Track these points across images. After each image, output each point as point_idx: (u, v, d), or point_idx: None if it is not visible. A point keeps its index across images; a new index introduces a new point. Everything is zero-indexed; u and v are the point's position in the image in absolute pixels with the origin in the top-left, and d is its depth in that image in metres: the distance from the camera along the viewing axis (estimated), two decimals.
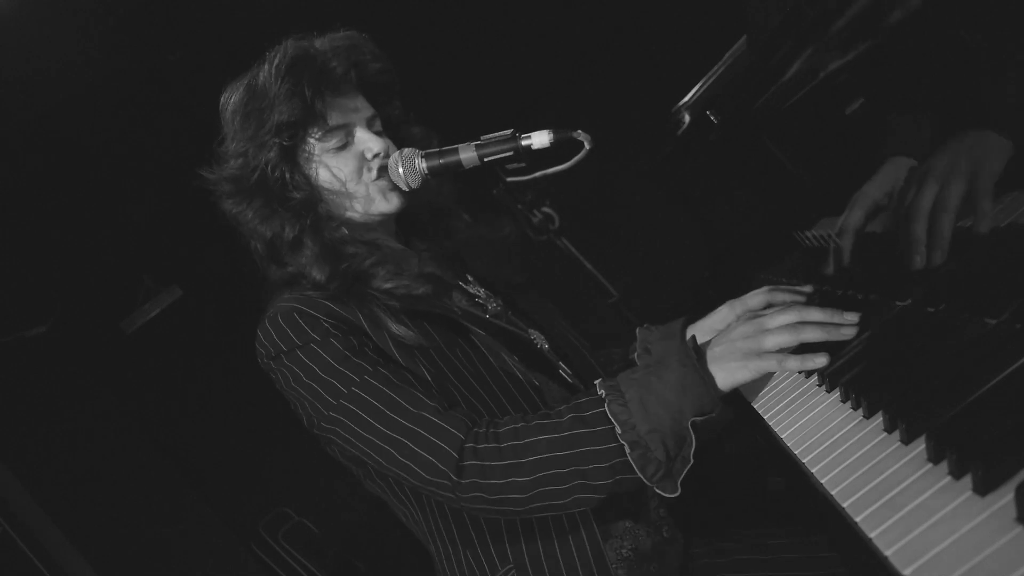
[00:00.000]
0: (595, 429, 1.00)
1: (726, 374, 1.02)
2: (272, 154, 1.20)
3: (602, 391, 1.04)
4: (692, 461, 0.99)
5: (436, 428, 1.05)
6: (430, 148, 1.27)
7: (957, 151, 0.94)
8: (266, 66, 1.21)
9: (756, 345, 1.02)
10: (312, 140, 1.24)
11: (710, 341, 1.08)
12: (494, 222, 1.47)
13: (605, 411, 1.01)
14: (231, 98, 1.24)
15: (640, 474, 0.98)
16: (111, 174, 3.43)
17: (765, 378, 1.18)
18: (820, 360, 1.00)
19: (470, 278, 1.42)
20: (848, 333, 1.03)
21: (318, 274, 1.19)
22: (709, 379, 1.00)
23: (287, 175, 1.21)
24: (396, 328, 1.17)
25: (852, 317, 1.04)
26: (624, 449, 0.98)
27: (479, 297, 1.37)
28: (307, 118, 1.21)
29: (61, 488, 3.17)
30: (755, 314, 1.13)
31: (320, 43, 1.25)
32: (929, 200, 0.96)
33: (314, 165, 1.25)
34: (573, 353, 1.44)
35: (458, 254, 1.46)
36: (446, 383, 1.16)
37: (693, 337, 1.08)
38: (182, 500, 3.78)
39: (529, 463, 1.01)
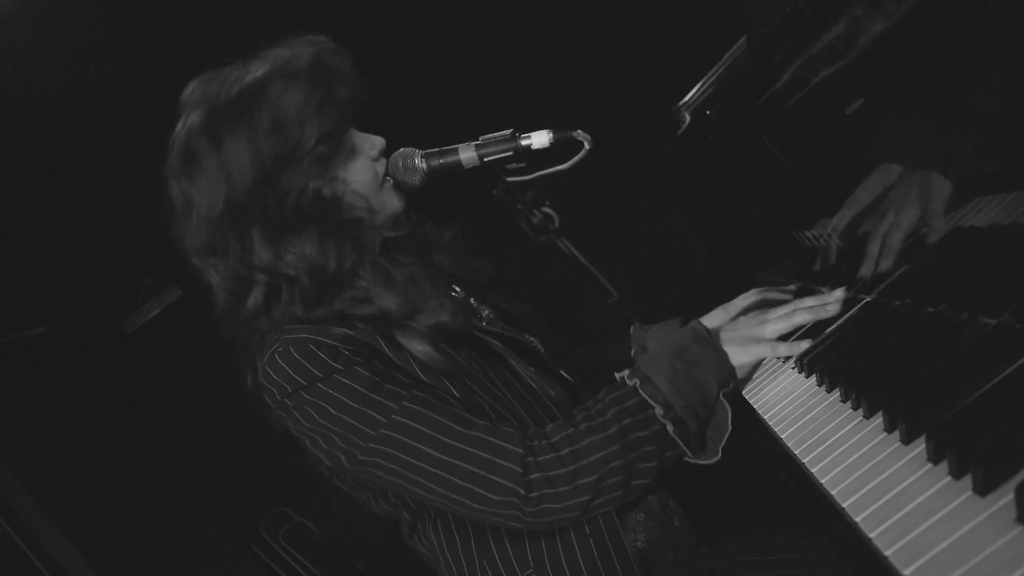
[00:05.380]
0: (638, 417, 1.05)
1: (732, 356, 1.13)
2: (313, 173, 1.10)
3: (633, 381, 1.09)
4: (731, 428, 1.08)
5: (493, 447, 1.02)
6: None
7: (909, 184, 1.13)
8: (277, 83, 1.10)
9: (757, 332, 1.15)
10: (341, 148, 1.15)
11: (718, 328, 1.20)
12: (437, 226, 1.37)
13: (644, 398, 1.06)
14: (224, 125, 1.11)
15: (684, 447, 1.06)
16: (111, 174, 3.42)
17: (765, 377, 1.20)
18: (804, 344, 1.13)
19: (457, 288, 1.35)
20: (833, 309, 1.15)
21: (388, 303, 1.10)
22: (722, 353, 1.12)
23: (333, 193, 1.13)
24: (420, 349, 1.10)
25: (839, 293, 1.16)
26: (668, 428, 1.05)
27: (472, 307, 1.33)
28: (343, 122, 1.14)
29: (61, 488, 3.17)
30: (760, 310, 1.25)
31: (311, 51, 1.16)
32: (887, 225, 1.16)
33: (343, 175, 1.16)
34: (561, 351, 1.43)
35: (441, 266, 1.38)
36: (475, 398, 1.12)
37: (699, 320, 1.20)
38: (182, 500, 3.78)
39: (589, 464, 1.03)
